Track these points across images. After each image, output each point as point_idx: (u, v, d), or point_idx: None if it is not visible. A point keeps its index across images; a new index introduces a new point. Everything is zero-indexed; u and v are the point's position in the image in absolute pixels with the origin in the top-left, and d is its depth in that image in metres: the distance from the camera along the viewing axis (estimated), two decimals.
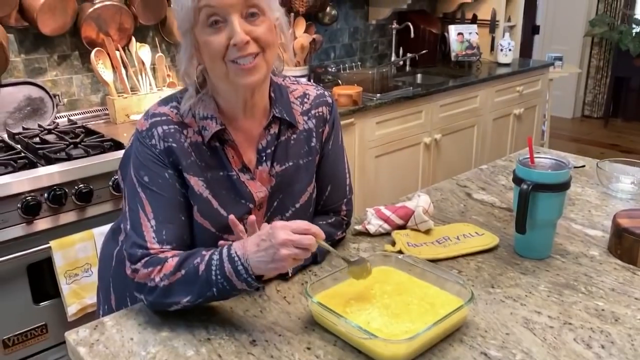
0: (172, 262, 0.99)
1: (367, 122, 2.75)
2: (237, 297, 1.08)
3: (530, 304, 1.06)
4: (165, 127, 1.05)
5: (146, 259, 1.00)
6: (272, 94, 1.14)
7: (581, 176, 1.70)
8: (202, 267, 0.97)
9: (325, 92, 1.24)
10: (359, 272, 1.03)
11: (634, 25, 5.50)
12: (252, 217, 1.00)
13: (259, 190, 1.12)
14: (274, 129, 1.14)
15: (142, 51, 2.48)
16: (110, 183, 1.92)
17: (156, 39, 2.58)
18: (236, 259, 0.95)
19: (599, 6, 5.79)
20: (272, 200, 1.15)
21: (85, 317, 1.88)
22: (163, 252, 1.01)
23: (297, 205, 1.18)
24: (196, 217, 1.08)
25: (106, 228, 1.40)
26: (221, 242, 1.04)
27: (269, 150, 1.13)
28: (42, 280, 1.88)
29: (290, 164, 1.16)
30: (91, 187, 1.87)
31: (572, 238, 1.32)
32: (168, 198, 1.04)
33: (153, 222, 1.02)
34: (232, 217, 1.01)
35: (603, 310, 1.04)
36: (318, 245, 0.96)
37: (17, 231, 1.77)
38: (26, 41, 2.26)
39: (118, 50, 2.41)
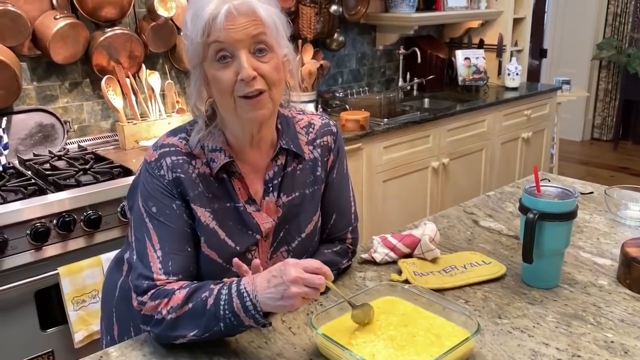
0: (179, 295, 0.99)
1: (374, 147, 2.76)
2: None
3: (538, 336, 1.05)
4: (173, 158, 1.07)
5: (153, 291, 1.00)
6: (279, 126, 1.15)
7: (589, 202, 1.69)
8: (210, 301, 0.97)
9: (330, 122, 1.24)
10: (361, 317, 1.03)
11: None
12: (257, 261, 1.01)
13: (265, 221, 1.13)
14: (281, 160, 1.15)
15: (152, 78, 2.52)
16: (119, 209, 1.94)
17: (166, 66, 2.62)
18: (245, 294, 0.95)
19: (606, 29, 5.80)
20: (279, 231, 1.16)
21: (92, 344, 1.88)
22: (169, 283, 1.02)
23: (303, 235, 1.18)
24: (203, 249, 1.08)
25: (114, 254, 1.41)
26: (227, 279, 1.04)
27: (275, 181, 1.14)
28: (50, 306, 1.88)
29: (297, 194, 1.16)
30: (100, 213, 1.89)
31: (581, 267, 1.31)
32: (175, 229, 1.05)
33: (159, 253, 1.03)
34: (236, 259, 1.02)
35: (612, 342, 1.02)
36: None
37: (26, 257, 1.78)
38: (38, 69, 2.30)
39: (128, 77, 2.44)
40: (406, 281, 1.22)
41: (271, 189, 1.14)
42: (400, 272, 1.28)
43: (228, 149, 1.09)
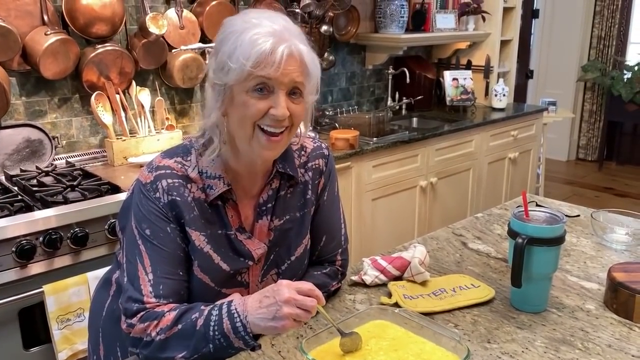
0: (169, 317, 0.98)
1: (363, 166, 2.77)
2: None
3: None
4: (169, 181, 1.06)
5: (142, 313, 1.00)
6: None
7: (576, 226, 1.71)
8: (200, 322, 0.97)
9: (322, 145, 1.25)
10: (349, 346, 1.02)
11: (625, 72, 5.61)
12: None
13: (257, 247, 1.12)
14: (275, 184, 1.15)
15: (142, 95, 2.51)
16: (107, 227, 1.92)
17: (156, 83, 2.62)
18: (235, 315, 0.95)
19: (591, 52, 5.92)
20: (269, 254, 1.16)
21: None
22: (159, 306, 1.01)
23: (293, 258, 1.18)
24: (196, 272, 1.08)
25: (100, 272, 1.39)
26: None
27: (269, 205, 1.14)
28: (34, 325, 1.85)
29: (288, 217, 1.17)
30: (87, 230, 1.87)
31: (568, 290, 1.32)
32: (168, 252, 1.04)
33: (151, 276, 1.02)
34: None
35: None
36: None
37: (10, 275, 1.75)
38: (28, 84, 2.29)
39: (118, 93, 2.44)
40: (396, 304, 1.22)
41: (265, 212, 1.14)
42: (390, 295, 1.28)
43: (226, 177, 1.09)
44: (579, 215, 1.79)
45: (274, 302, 0.93)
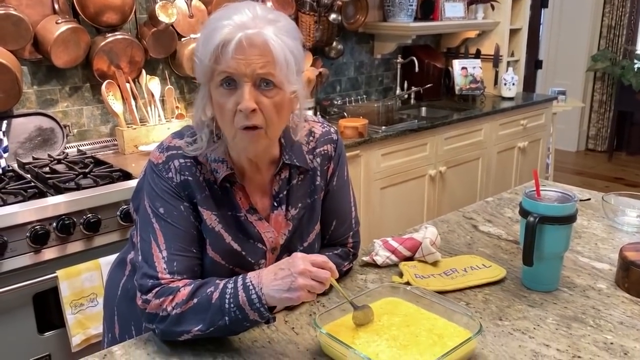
0: (184, 291, 1.00)
1: (372, 154, 2.78)
2: None
3: (538, 337, 1.06)
4: (182, 161, 1.07)
5: (157, 289, 1.01)
6: (282, 140, 1.14)
7: (587, 209, 1.71)
8: (215, 295, 0.98)
9: (331, 129, 1.23)
10: (362, 319, 1.03)
11: (635, 61, 5.56)
12: None
13: (266, 230, 1.13)
14: (285, 174, 1.15)
15: (152, 83, 2.53)
16: (119, 213, 1.94)
17: (166, 72, 2.63)
18: (250, 287, 0.96)
19: (601, 41, 5.87)
20: (284, 242, 1.16)
21: (90, 348, 1.88)
22: (174, 282, 1.02)
23: (305, 244, 1.19)
24: (208, 251, 1.09)
25: (113, 258, 1.41)
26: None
27: (282, 195, 1.15)
28: (48, 309, 1.87)
29: (301, 205, 1.17)
30: (99, 216, 1.89)
31: (579, 271, 1.32)
32: (182, 230, 1.06)
33: (165, 253, 1.03)
34: None
35: (612, 344, 1.04)
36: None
37: (25, 260, 1.78)
38: (39, 73, 2.31)
39: (128, 82, 2.45)
40: (407, 283, 1.23)
41: (280, 201, 1.14)
42: (401, 275, 1.28)
43: (230, 161, 1.09)
44: (589, 199, 1.79)
45: (289, 273, 0.94)
